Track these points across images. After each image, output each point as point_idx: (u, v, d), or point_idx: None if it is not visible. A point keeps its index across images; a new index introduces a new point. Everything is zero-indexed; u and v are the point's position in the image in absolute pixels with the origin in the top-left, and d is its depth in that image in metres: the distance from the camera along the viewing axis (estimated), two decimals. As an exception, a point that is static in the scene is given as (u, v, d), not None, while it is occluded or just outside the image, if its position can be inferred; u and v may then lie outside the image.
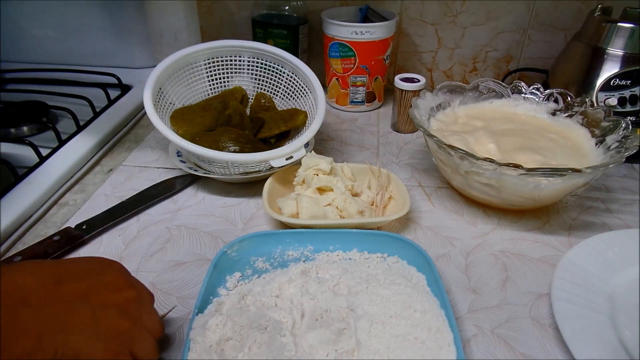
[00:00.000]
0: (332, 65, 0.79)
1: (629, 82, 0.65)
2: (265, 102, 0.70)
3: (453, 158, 0.50)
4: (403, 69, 0.90)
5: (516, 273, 0.48)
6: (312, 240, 0.48)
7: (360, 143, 0.73)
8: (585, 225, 0.55)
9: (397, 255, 0.46)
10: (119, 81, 0.82)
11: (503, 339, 0.40)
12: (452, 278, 0.47)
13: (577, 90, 0.68)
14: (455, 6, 0.82)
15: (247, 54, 0.68)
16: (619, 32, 0.64)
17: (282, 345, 0.35)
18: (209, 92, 0.69)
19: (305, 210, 0.49)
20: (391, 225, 0.54)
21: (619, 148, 0.51)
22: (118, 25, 0.86)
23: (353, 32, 0.74)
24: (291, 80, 0.68)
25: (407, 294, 0.40)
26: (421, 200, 0.59)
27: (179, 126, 0.62)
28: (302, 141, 0.56)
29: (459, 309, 0.43)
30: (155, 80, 0.59)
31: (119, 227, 0.53)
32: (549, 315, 0.42)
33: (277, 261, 0.46)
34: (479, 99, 0.65)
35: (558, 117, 0.62)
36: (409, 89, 0.71)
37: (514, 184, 0.49)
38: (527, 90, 0.64)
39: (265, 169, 0.57)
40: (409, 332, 0.37)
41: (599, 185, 0.63)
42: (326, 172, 0.54)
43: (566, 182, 0.48)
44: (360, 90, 0.80)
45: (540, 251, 0.51)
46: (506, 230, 0.54)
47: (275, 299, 0.40)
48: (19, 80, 0.83)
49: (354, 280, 0.42)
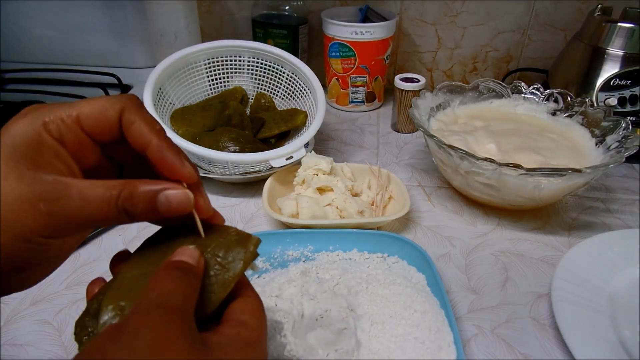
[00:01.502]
0: (332, 65, 0.79)
1: (629, 82, 0.65)
2: (265, 102, 0.70)
3: (453, 158, 0.50)
4: (403, 69, 0.90)
5: (516, 273, 0.48)
6: (312, 240, 0.48)
7: (360, 143, 0.73)
8: (585, 225, 0.55)
9: (397, 255, 0.46)
10: (119, 81, 0.81)
11: (503, 339, 0.40)
12: (452, 278, 0.47)
13: (577, 90, 0.68)
14: (455, 6, 0.82)
15: (247, 54, 0.68)
16: (619, 32, 0.64)
17: (282, 345, 0.35)
18: (209, 92, 0.69)
19: (305, 210, 0.49)
20: (391, 225, 0.54)
21: (619, 148, 0.51)
22: (118, 25, 0.86)
23: (353, 32, 0.74)
24: (291, 80, 0.68)
25: (407, 294, 0.40)
26: (421, 200, 0.59)
27: (179, 126, 0.62)
28: (302, 141, 0.56)
29: (459, 309, 0.43)
30: (155, 80, 0.59)
31: (119, 227, 0.53)
32: (549, 315, 0.42)
33: (277, 261, 0.46)
34: (479, 99, 0.65)
35: (558, 117, 0.62)
36: (409, 89, 0.71)
37: (514, 184, 0.49)
38: (527, 90, 0.64)
39: (265, 169, 0.57)
40: (409, 332, 0.37)
41: (599, 185, 0.63)
42: (326, 172, 0.54)
43: (566, 182, 0.48)
44: (360, 90, 0.80)
45: (540, 251, 0.51)
46: (506, 230, 0.54)
47: (275, 299, 0.40)
48: (19, 80, 0.83)
49: (354, 280, 0.42)
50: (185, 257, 0.25)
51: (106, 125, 0.25)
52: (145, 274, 0.25)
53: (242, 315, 0.25)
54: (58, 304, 0.43)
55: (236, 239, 0.27)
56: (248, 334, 0.25)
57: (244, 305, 0.26)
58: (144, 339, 0.20)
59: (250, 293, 0.27)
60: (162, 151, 0.25)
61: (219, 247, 0.26)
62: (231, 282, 0.26)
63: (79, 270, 0.47)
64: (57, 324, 0.41)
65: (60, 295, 0.44)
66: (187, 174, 0.25)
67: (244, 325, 0.25)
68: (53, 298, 0.44)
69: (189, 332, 0.21)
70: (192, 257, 0.25)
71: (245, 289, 0.27)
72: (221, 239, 0.27)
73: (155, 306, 0.21)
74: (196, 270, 0.25)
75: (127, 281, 0.25)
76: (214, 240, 0.27)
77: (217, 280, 0.25)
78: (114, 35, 0.88)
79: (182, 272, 0.24)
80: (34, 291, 0.44)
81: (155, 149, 0.25)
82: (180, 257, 0.25)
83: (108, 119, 0.25)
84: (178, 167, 0.25)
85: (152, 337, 0.20)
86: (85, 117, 0.24)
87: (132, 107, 0.25)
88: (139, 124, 0.25)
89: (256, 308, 0.26)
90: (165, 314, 0.21)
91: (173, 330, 0.21)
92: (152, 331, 0.20)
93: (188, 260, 0.25)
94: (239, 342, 0.24)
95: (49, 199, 0.22)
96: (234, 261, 0.26)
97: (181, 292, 0.23)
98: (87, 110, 0.25)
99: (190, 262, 0.25)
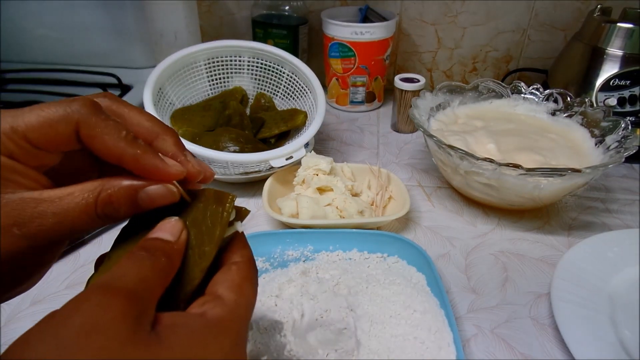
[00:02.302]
0: (332, 65, 0.79)
1: (628, 82, 0.65)
2: (265, 102, 0.70)
3: (453, 158, 0.50)
4: (403, 69, 0.90)
5: (516, 273, 0.48)
6: (312, 240, 0.48)
7: (360, 143, 0.73)
8: (585, 225, 0.55)
9: (397, 255, 0.46)
10: (119, 81, 0.81)
11: (503, 339, 0.40)
12: (452, 278, 0.47)
13: (577, 91, 0.68)
14: (455, 6, 0.82)
15: (247, 54, 0.68)
16: (618, 32, 0.64)
17: (282, 345, 0.35)
18: (209, 92, 0.69)
19: (305, 210, 0.49)
20: (391, 225, 0.54)
21: (618, 148, 0.51)
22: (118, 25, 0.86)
23: (353, 32, 0.74)
24: (291, 80, 0.68)
25: (407, 294, 0.40)
26: (421, 200, 0.59)
27: (179, 126, 0.62)
28: (302, 141, 0.56)
29: (458, 309, 0.43)
30: (155, 80, 0.59)
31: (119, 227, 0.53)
32: (549, 315, 0.43)
33: (277, 261, 0.46)
34: (479, 99, 0.65)
35: (558, 117, 0.62)
36: (409, 89, 0.71)
37: (513, 184, 0.49)
38: (526, 91, 0.64)
39: (265, 169, 0.57)
40: (408, 332, 0.37)
41: (599, 185, 0.63)
42: (326, 172, 0.54)
43: (566, 182, 0.48)
44: (360, 90, 0.80)
45: (540, 251, 0.51)
46: (506, 230, 0.54)
47: (275, 299, 0.40)
48: (19, 80, 0.83)
49: (354, 280, 0.42)
50: (162, 233, 0.22)
51: (59, 140, 0.22)
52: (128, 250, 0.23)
53: (218, 288, 0.22)
54: (58, 304, 0.43)
55: (212, 199, 0.24)
56: (217, 311, 0.21)
57: (224, 275, 0.23)
58: (71, 325, 0.17)
59: (237, 259, 0.24)
60: (138, 161, 0.22)
61: (198, 212, 0.24)
62: (211, 250, 0.23)
63: (79, 270, 0.47)
64: (57, 323, 0.41)
65: (60, 295, 0.44)
66: (175, 172, 0.23)
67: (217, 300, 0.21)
68: (53, 298, 0.44)
69: (131, 316, 0.18)
70: (172, 232, 0.22)
71: (233, 255, 0.24)
72: (200, 203, 0.24)
73: (97, 288, 0.18)
74: (170, 247, 0.22)
75: (110, 262, 0.24)
76: (194, 206, 0.24)
77: (199, 250, 0.23)
78: (114, 35, 0.88)
79: (148, 252, 0.21)
80: (34, 291, 0.44)
81: (130, 160, 0.22)
82: (157, 233, 0.22)
83: (59, 133, 0.21)
84: (162, 170, 0.23)
85: (81, 322, 0.17)
86: (32, 131, 0.21)
87: (88, 118, 0.21)
88: (101, 139, 0.22)
89: (236, 279, 0.23)
90: (105, 297, 0.18)
91: (109, 314, 0.17)
92: (82, 316, 0.17)
93: (165, 236, 0.22)
94: (199, 324, 0.20)
95: (21, 223, 0.20)
96: (212, 225, 0.23)
97: (135, 272, 0.20)
98: (34, 122, 0.21)
99: (167, 238, 0.22)
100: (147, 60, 0.89)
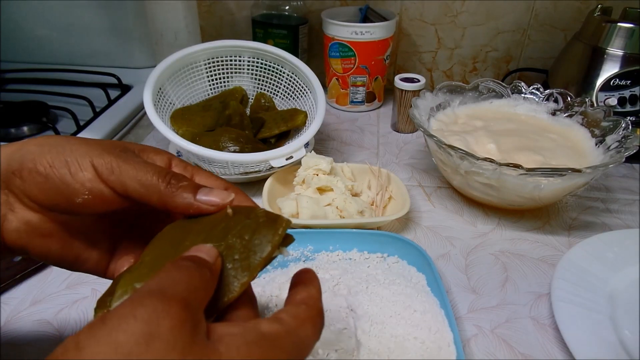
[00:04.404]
0: (332, 65, 0.79)
1: (628, 82, 0.65)
2: (265, 102, 0.70)
3: (453, 158, 0.50)
4: (403, 69, 0.90)
5: (516, 273, 0.48)
6: (312, 240, 0.48)
7: (360, 143, 0.73)
8: (585, 225, 0.55)
9: (397, 255, 0.46)
10: (119, 81, 0.81)
11: (503, 339, 0.40)
12: (452, 278, 0.47)
13: (577, 90, 0.68)
14: (455, 6, 0.82)
15: (247, 54, 0.68)
16: (618, 32, 0.64)
17: (282, 345, 0.35)
18: (209, 92, 0.69)
19: (305, 210, 0.49)
20: (391, 225, 0.54)
21: (618, 148, 0.51)
22: (118, 25, 0.86)
23: (353, 32, 0.74)
24: (291, 80, 0.68)
25: (407, 294, 0.40)
26: (421, 200, 0.59)
27: (179, 126, 0.62)
28: (302, 141, 0.56)
29: (458, 309, 0.43)
30: (155, 80, 0.59)
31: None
32: (549, 315, 0.43)
33: (277, 261, 0.46)
34: (479, 99, 0.65)
35: (558, 117, 0.62)
36: (409, 89, 0.71)
37: (513, 184, 0.49)
38: (527, 90, 0.64)
39: (265, 169, 0.57)
40: (409, 332, 0.37)
41: (599, 185, 0.63)
42: (326, 172, 0.54)
43: (566, 182, 0.48)
44: (360, 90, 0.80)
45: (540, 251, 0.51)
46: (506, 230, 0.54)
47: (275, 299, 0.40)
48: (19, 80, 0.83)
49: (354, 280, 0.42)
50: (200, 253, 0.23)
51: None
52: (167, 255, 0.24)
53: (279, 314, 0.22)
54: (58, 304, 0.43)
55: (264, 220, 0.25)
56: (274, 327, 0.21)
57: (290, 308, 0.23)
58: (130, 331, 0.17)
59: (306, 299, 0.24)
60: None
61: (245, 229, 0.25)
62: (257, 266, 0.23)
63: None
64: (57, 324, 0.41)
65: (61, 295, 0.44)
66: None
67: (276, 320, 0.21)
68: (53, 298, 0.44)
69: (187, 325, 0.18)
70: (209, 254, 0.23)
71: (299, 293, 0.25)
72: (248, 220, 0.25)
73: (150, 294, 0.18)
74: (211, 266, 0.22)
75: (146, 264, 0.24)
76: (240, 221, 0.25)
77: (241, 264, 0.23)
78: (114, 35, 0.88)
79: (194, 263, 0.21)
80: (34, 291, 0.44)
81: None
82: (195, 252, 0.23)
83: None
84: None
85: (140, 329, 0.17)
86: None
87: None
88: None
89: (302, 314, 0.23)
90: (161, 303, 0.18)
91: (167, 322, 0.17)
92: (140, 322, 0.17)
93: (203, 256, 0.23)
94: (254, 335, 0.20)
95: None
96: (261, 244, 0.24)
97: (186, 280, 0.20)
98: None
99: (206, 258, 0.22)
100: (147, 60, 0.89)
